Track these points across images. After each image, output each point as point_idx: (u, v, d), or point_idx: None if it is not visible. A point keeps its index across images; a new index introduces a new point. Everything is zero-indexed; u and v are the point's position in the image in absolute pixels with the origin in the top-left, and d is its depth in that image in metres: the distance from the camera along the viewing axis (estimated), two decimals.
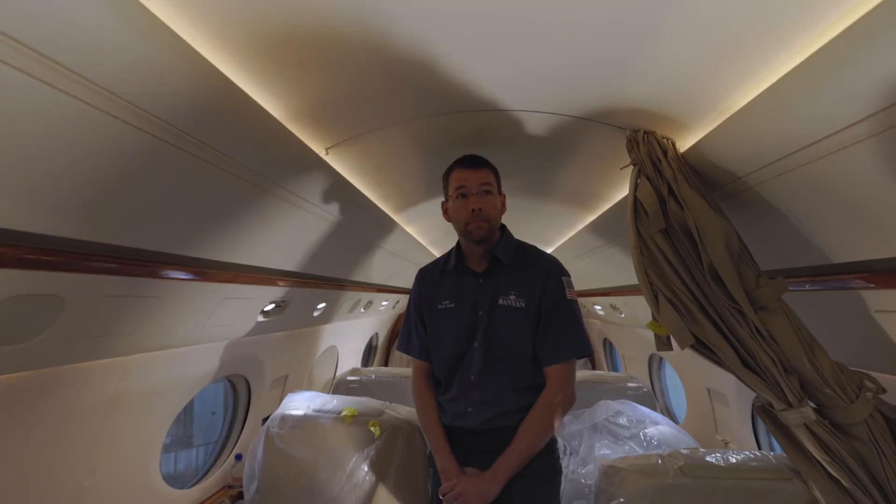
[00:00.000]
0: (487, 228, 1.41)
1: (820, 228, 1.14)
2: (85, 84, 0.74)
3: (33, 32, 0.65)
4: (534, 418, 1.37)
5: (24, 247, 0.91)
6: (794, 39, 0.86)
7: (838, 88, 0.82)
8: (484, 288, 1.46)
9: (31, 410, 1.23)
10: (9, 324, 0.98)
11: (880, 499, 1.19)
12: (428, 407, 1.53)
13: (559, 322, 1.41)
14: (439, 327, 1.52)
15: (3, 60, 0.65)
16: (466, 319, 1.46)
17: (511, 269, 1.46)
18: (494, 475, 1.33)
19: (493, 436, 1.40)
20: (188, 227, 1.26)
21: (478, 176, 1.42)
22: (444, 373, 1.50)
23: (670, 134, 1.30)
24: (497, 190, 1.47)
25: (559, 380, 1.39)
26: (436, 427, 1.49)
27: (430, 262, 1.65)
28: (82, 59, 0.72)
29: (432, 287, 1.55)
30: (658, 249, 1.30)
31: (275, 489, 1.96)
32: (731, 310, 1.23)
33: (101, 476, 1.54)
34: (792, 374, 1.22)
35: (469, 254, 1.51)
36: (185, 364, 1.77)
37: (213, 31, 0.91)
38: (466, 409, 1.44)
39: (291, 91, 1.14)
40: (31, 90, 0.70)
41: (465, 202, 1.41)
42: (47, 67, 0.69)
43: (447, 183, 1.48)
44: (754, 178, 1.16)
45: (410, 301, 1.63)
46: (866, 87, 0.77)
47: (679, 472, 1.31)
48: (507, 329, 1.42)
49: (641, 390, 2.64)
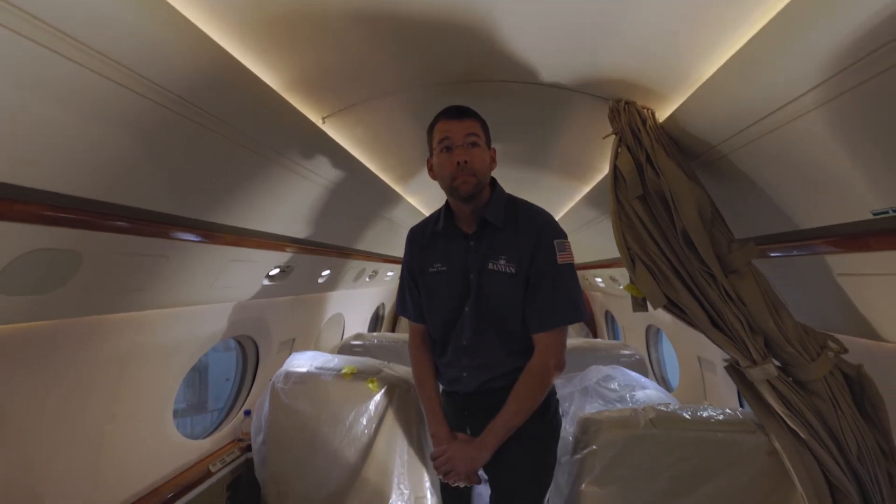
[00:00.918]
0: (475, 184, 1.31)
1: (787, 196, 1.20)
2: (97, 56, 0.82)
3: (76, 24, 0.73)
4: (521, 386, 1.35)
5: (44, 205, 1.00)
6: (752, 11, 0.91)
7: (789, 60, 0.87)
8: (474, 251, 1.39)
9: (59, 357, 1.35)
10: (33, 276, 1.08)
11: (835, 449, 1.27)
12: (423, 371, 1.52)
13: (548, 288, 1.34)
14: (431, 291, 1.48)
15: (24, 36, 0.73)
16: (457, 284, 1.41)
17: (502, 231, 1.37)
18: (484, 442, 1.33)
19: (487, 397, 1.40)
20: (193, 192, 1.35)
21: (463, 126, 1.32)
22: (439, 336, 1.48)
23: (650, 104, 1.35)
24: (486, 143, 1.36)
25: (547, 348, 1.35)
26: (430, 392, 1.48)
27: (419, 222, 1.59)
28: (103, 38, 0.80)
29: (423, 249, 1.49)
30: (636, 215, 1.36)
31: (279, 441, 2.10)
32: (703, 273, 1.30)
33: (120, 422, 1.68)
34: (757, 334, 1.29)
35: (458, 213, 1.42)
36: (196, 322, 1.89)
37: (212, 5, 0.98)
38: (461, 374, 1.44)
39: (286, 62, 1.21)
40: (47, 61, 0.78)
41: (450, 155, 1.31)
42: (72, 47, 0.77)
43: (431, 136, 1.38)
44: (727, 147, 1.21)
45: (403, 263, 1.59)
46: (811, 58, 0.82)
47: (650, 423, 1.40)
48: (497, 294, 1.37)
49: (634, 357, 2.73)
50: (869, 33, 0.74)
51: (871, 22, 0.73)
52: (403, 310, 1.59)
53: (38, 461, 1.38)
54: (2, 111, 0.81)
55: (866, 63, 0.78)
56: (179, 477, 2.00)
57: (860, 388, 1.28)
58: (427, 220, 1.57)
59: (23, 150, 0.89)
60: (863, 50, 0.76)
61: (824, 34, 0.79)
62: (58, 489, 1.45)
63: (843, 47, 0.78)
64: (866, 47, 0.76)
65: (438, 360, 1.51)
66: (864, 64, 0.78)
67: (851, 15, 0.74)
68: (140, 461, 1.81)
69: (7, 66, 0.76)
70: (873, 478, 1.27)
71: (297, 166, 1.56)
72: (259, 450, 2.15)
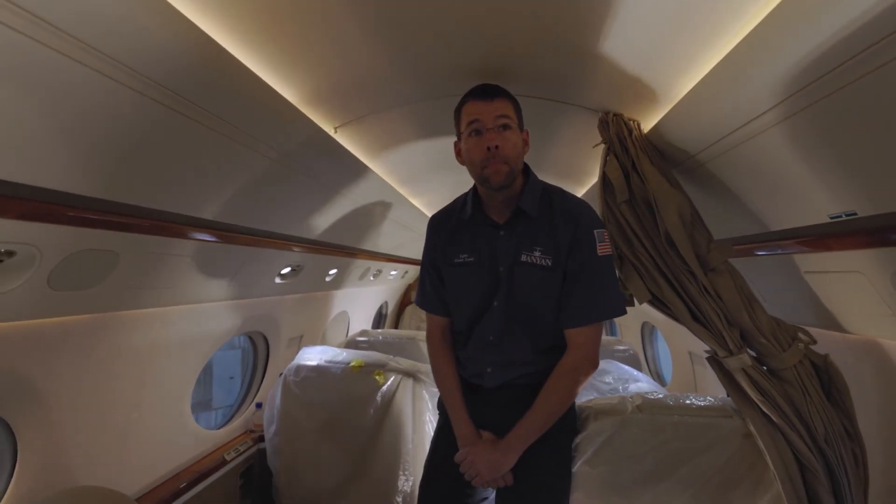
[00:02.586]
0: (507, 173, 1.22)
1: (758, 200, 1.32)
2: (128, 72, 0.91)
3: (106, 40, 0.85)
4: (555, 386, 1.27)
5: (90, 210, 1.13)
6: (719, 38, 1.03)
7: (750, 82, 0.99)
8: (505, 241, 1.30)
9: (93, 349, 1.47)
10: (78, 273, 1.21)
11: (804, 432, 1.39)
12: (447, 370, 1.42)
13: (588, 281, 1.26)
14: (456, 283, 1.38)
15: (67, 54, 0.84)
16: (486, 276, 1.32)
17: (537, 221, 1.28)
18: (510, 445, 1.26)
19: (512, 391, 1.35)
20: (217, 196, 1.47)
21: (493, 108, 1.22)
22: (463, 329, 1.40)
23: (636, 116, 1.47)
24: (518, 125, 1.26)
25: (583, 344, 1.28)
26: (455, 392, 1.39)
27: (442, 208, 1.48)
28: (136, 58, 0.91)
29: (448, 238, 1.39)
30: (623, 218, 1.48)
31: (291, 431, 2.23)
32: (684, 271, 1.42)
33: (144, 411, 1.80)
34: (734, 327, 1.41)
35: (488, 201, 1.33)
36: (214, 318, 2.02)
37: (241, 31, 1.10)
38: (485, 370, 1.36)
39: (304, 78, 1.33)
40: (83, 78, 0.90)
41: (480, 140, 1.22)
42: (111, 65, 0.89)
43: (458, 118, 1.29)
44: (704, 156, 1.33)
45: (425, 252, 1.48)
46: (769, 82, 0.94)
47: (637, 409, 1.52)
48: (530, 289, 1.29)
49: (628, 352, 2.85)
50: (815, 62, 0.85)
51: (817, 52, 0.84)
52: (424, 302, 1.47)
53: (72, 443, 1.51)
54: (52, 123, 0.93)
55: (814, 87, 0.89)
56: (197, 464, 2.13)
57: (827, 376, 1.40)
58: (451, 207, 1.45)
59: (71, 160, 1.01)
60: (811, 76, 0.88)
61: (779, 62, 0.91)
62: (89, 471, 1.57)
63: (795, 74, 0.90)
64: (813, 74, 0.87)
65: (459, 352, 1.43)
66: (813, 88, 0.90)
67: (801, 46, 0.86)
68: (161, 448, 1.94)
69: (45, 84, 0.87)
70: (839, 457, 1.39)
71: (311, 171, 1.68)
72: (272, 440, 2.27)
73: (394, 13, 1.10)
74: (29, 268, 1.07)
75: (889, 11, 0.68)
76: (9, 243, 0.99)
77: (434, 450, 1.51)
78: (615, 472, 1.49)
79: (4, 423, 1.33)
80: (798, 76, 0.89)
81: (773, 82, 0.94)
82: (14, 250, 1.01)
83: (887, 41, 0.71)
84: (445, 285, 1.41)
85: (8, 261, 1.02)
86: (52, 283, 1.15)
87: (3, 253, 1.00)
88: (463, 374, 1.42)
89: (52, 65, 0.80)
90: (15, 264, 1.04)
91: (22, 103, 0.83)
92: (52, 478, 1.43)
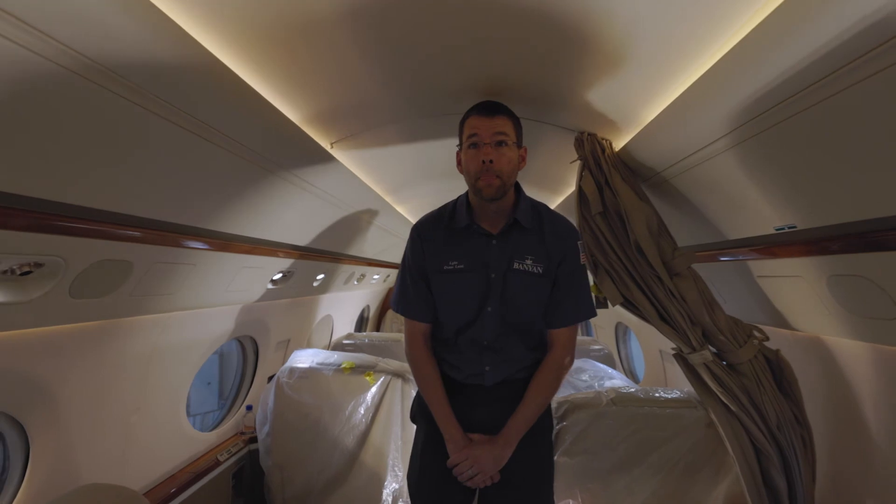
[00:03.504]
0: (498, 186, 1.29)
1: (716, 213, 1.48)
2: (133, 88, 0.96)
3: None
4: (543, 381, 1.37)
5: (108, 223, 1.21)
6: (680, 74, 1.18)
7: (704, 113, 1.14)
8: (498, 250, 1.37)
9: (99, 354, 1.54)
10: (96, 282, 1.29)
11: (758, 419, 1.56)
12: (432, 375, 1.43)
13: (573, 287, 1.39)
14: (446, 290, 1.41)
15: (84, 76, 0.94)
16: (478, 283, 1.37)
17: (528, 232, 1.38)
18: (507, 439, 1.32)
19: (507, 387, 1.41)
20: (219, 207, 1.56)
21: (493, 124, 1.30)
22: (453, 334, 1.43)
23: (608, 136, 1.62)
24: (516, 142, 1.33)
25: (567, 342, 1.41)
26: (441, 397, 1.40)
27: (427, 215, 1.50)
28: (155, 83, 1.01)
29: (436, 245, 1.42)
30: (598, 228, 1.63)
31: (284, 431, 2.31)
32: (652, 276, 1.58)
33: (143, 413, 1.87)
34: (696, 326, 1.57)
35: (480, 211, 1.39)
36: (209, 323, 2.09)
37: (254, 60, 1.20)
38: (484, 369, 1.40)
39: (305, 99, 1.43)
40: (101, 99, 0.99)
41: (477, 153, 1.30)
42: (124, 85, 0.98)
43: (462, 130, 1.37)
44: (669, 173, 1.49)
45: (407, 258, 1.48)
46: (723, 113, 1.08)
47: (610, 402, 1.67)
48: (523, 294, 1.37)
49: (603, 352, 3.02)
50: (761, 99, 0.99)
51: (763, 90, 0.98)
52: (405, 308, 1.46)
53: (78, 443, 1.57)
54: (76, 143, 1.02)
55: (760, 120, 1.04)
56: (192, 465, 2.19)
57: (779, 369, 1.57)
58: (437, 214, 1.48)
59: (97, 178, 1.10)
60: (757, 110, 1.03)
61: (731, 97, 1.05)
62: (92, 470, 1.64)
63: (744, 108, 1.04)
64: (759, 109, 1.02)
65: (449, 356, 1.45)
66: (759, 120, 1.04)
67: (749, 84, 1.00)
68: (159, 450, 2.01)
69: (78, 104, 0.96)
70: (789, 442, 1.55)
71: (307, 184, 1.78)
72: (264, 440, 2.35)
73: (391, 43, 1.22)
74: (54, 278, 1.15)
75: (820, 61, 0.82)
76: (40, 255, 1.07)
77: (427, 465, 1.45)
78: (592, 460, 1.64)
79: (19, 426, 1.40)
80: (746, 109, 1.04)
81: (726, 114, 1.09)
82: (43, 262, 1.09)
83: (821, 83, 0.86)
84: (433, 291, 1.43)
85: (37, 271, 1.10)
86: (72, 291, 1.23)
87: (33, 264, 1.08)
88: (457, 377, 1.44)
89: (86, 95, 0.89)
90: (42, 275, 1.12)
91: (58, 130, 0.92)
92: (61, 478, 1.50)
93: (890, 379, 1.29)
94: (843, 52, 0.79)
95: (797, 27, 0.82)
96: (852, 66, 0.80)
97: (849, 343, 1.37)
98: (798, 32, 0.82)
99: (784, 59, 0.88)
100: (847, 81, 0.83)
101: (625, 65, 1.22)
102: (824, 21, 0.77)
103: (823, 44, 0.79)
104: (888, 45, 0.73)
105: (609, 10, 1.03)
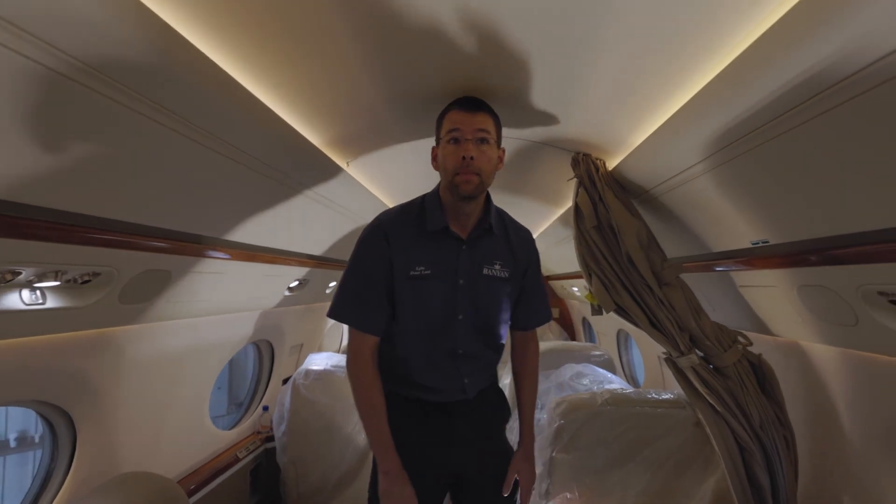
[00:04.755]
0: (477, 184, 1.25)
1: (701, 228, 1.61)
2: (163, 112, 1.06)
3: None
4: (531, 380, 1.48)
5: (153, 237, 1.37)
6: (665, 102, 1.31)
7: (685, 139, 1.27)
8: (467, 255, 1.33)
9: (138, 354, 1.70)
10: (141, 289, 1.44)
11: (743, 420, 1.67)
12: (378, 399, 1.28)
13: (538, 292, 1.49)
14: (412, 297, 1.30)
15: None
16: (447, 289, 1.31)
17: (495, 237, 1.37)
18: (527, 449, 1.42)
19: (484, 395, 1.45)
20: (247, 222, 1.71)
21: (475, 120, 1.25)
22: (415, 346, 1.33)
23: (601, 156, 1.76)
24: (496, 141, 1.29)
25: (536, 339, 1.53)
26: (384, 424, 1.26)
27: (388, 214, 1.39)
28: (193, 113, 1.16)
29: (404, 249, 1.30)
30: (592, 241, 1.76)
31: (300, 429, 2.45)
32: (643, 285, 1.71)
33: (173, 411, 2.02)
34: (684, 332, 1.70)
35: (451, 212, 1.32)
36: (232, 327, 2.25)
37: (281, 92, 1.35)
38: (463, 382, 1.37)
39: (326, 126, 1.59)
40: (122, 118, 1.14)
41: (457, 148, 1.24)
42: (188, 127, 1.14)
43: (440, 125, 1.31)
44: (657, 191, 1.62)
45: (362, 258, 1.32)
46: (705, 138, 1.21)
47: (605, 402, 1.80)
48: (492, 299, 1.36)
49: (603, 357, 3.13)
50: (738, 126, 1.10)
51: (741, 117, 1.07)
52: (357, 318, 1.29)
53: (117, 436, 1.73)
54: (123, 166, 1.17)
55: (737, 144, 1.15)
56: (214, 461, 2.34)
57: (761, 372, 1.68)
58: (402, 213, 1.38)
59: (148, 199, 1.25)
60: (734, 136, 1.14)
61: (712, 123, 1.15)
62: (130, 460, 1.79)
63: (723, 133, 1.15)
64: (736, 135, 1.13)
65: (419, 379, 1.35)
66: (736, 145, 1.15)
67: (728, 113, 1.09)
68: (185, 446, 2.16)
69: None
70: (772, 441, 1.66)
71: (325, 199, 1.94)
72: (281, 438, 2.50)
73: (401, 72, 1.33)
74: (108, 285, 1.31)
75: (787, 95, 0.93)
76: (97, 266, 1.23)
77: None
78: (588, 457, 1.76)
79: (68, 418, 1.55)
80: (723, 136, 1.16)
81: (707, 139, 1.21)
82: (100, 272, 1.25)
83: (791, 113, 0.96)
84: (396, 299, 1.30)
85: (94, 280, 1.26)
86: (122, 297, 1.39)
87: (92, 274, 1.24)
88: (435, 399, 1.36)
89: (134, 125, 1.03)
90: (98, 283, 1.28)
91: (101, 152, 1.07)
92: (103, 465, 1.65)
93: (859, 381, 1.41)
94: (806, 88, 0.88)
95: (771, 62, 0.92)
96: (815, 101, 0.89)
97: (822, 348, 1.50)
98: (771, 67, 0.92)
99: (755, 93, 0.99)
100: (810, 114, 0.92)
101: (617, 97, 1.36)
102: (791, 60, 0.87)
103: (792, 78, 0.89)
104: (842, 84, 0.84)
105: (603, 49, 1.14)
